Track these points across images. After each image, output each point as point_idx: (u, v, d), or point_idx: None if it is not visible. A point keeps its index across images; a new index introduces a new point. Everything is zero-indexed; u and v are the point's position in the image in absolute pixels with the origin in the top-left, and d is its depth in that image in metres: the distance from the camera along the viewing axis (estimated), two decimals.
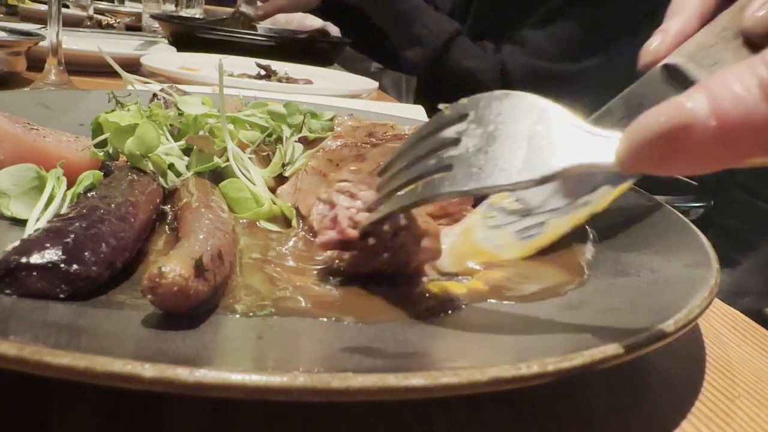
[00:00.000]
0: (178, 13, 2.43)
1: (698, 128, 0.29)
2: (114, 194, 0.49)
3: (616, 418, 0.40)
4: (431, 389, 0.30)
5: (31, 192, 0.52)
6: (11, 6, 2.31)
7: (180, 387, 0.28)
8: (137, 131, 0.58)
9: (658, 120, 0.29)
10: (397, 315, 0.43)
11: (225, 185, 0.60)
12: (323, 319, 0.41)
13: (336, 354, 0.37)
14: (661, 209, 0.64)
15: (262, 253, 0.52)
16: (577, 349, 0.34)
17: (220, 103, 0.63)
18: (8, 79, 1.15)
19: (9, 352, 0.28)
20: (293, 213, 0.59)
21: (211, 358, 0.36)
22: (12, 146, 0.57)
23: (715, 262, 0.49)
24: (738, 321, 0.57)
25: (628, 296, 0.47)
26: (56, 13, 1.02)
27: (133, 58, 1.37)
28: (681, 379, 0.46)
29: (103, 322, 0.37)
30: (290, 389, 0.29)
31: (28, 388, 0.36)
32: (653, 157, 0.30)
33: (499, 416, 0.39)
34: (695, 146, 0.29)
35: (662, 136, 0.29)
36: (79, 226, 0.42)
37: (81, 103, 0.83)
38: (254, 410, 0.37)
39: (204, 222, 0.46)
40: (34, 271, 0.38)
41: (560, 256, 0.56)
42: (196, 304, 0.38)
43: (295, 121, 0.69)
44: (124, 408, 0.36)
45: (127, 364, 0.28)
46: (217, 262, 0.41)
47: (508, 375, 0.31)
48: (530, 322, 0.43)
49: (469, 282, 0.49)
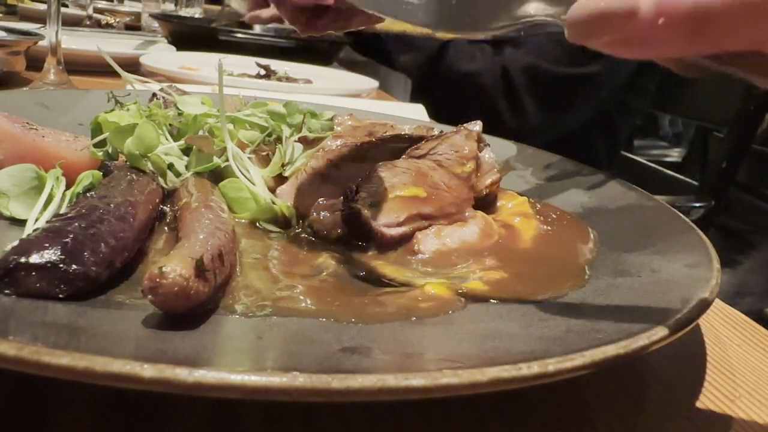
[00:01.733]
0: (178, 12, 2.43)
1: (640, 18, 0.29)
2: (113, 194, 0.48)
3: (616, 418, 0.40)
4: (431, 389, 0.30)
5: (31, 192, 0.52)
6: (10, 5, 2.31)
7: (179, 387, 0.28)
8: (136, 131, 0.58)
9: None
10: (397, 315, 0.43)
11: (224, 185, 0.59)
12: (323, 320, 0.41)
13: (336, 354, 0.37)
14: (661, 209, 0.64)
15: (262, 253, 0.52)
16: (577, 349, 0.34)
17: (220, 102, 0.62)
18: (7, 79, 1.15)
19: (8, 352, 0.28)
20: (293, 213, 0.59)
21: (211, 358, 0.36)
22: (11, 146, 0.57)
23: (716, 262, 0.49)
24: (739, 321, 0.57)
25: (628, 296, 0.47)
26: (55, 13, 1.02)
27: (132, 58, 1.37)
28: (681, 379, 0.46)
29: (102, 322, 0.37)
30: (290, 389, 0.29)
31: (27, 388, 0.36)
32: (587, 35, 0.32)
33: (499, 416, 0.39)
34: (631, 32, 0.30)
35: (599, 17, 0.30)
36: (79, 226, 0.41)
37: (80, 102, 0.82)
38: (254, 410, 0.37)
39: (204, 222, 0.46)
40: (33, 271, 0.38)
41: (560, 256, 0.56)
42: (196, 304, 0.37)
43: (295, 120, 0.69)
44: (123, 408, 0.36)
45: (126, 364, 0.28)
46: (218, 262, 0.41)
47: (508, 375, 0.31)
48: (530, 322, 0.43)
49: (469, 282, 0.49)
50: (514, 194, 0.70)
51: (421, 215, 0.58)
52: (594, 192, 0.72)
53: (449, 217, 0.59)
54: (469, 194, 0.62)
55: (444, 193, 0.60)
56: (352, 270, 0.51)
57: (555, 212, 0.67)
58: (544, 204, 0.70)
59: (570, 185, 0.75)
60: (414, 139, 0.65)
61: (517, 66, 1.62)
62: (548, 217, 0.65)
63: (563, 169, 0.80)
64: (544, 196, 0.73)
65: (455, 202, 0.60)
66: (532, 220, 0.63)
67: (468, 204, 0.61)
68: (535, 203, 0.69)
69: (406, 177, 0.58)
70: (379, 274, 0.51)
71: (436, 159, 0.61)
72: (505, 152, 0.83)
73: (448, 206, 0.60)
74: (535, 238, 0.60)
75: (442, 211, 0.59)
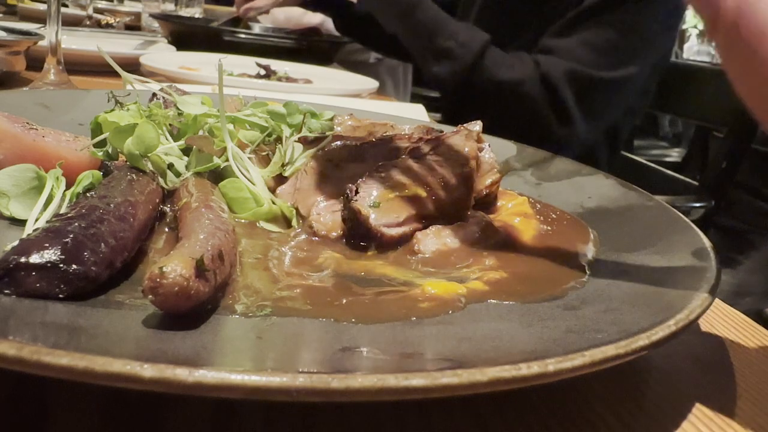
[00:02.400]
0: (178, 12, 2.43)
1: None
2: (113, 194, 0.48)
3: (616, 418, 0.40)
4: (431, 389, 0.30)
5: (31, 192, 0.52)
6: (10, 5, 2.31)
7: (179, 387, 0.28)
8: (136, 131, 0.58)
9: None
10: (397, 315, 0.43)
11: (224, 185, 0.59)
12: (323, 320, 0.41)
13: (336, 354, 0.37)
14: (662, 209, 0.64)
15: (262, 254, 0.52)
16: (577, 349, 0.34)
17: (220, 102, 0.62)
18: (7, 79, 1.15)
19: (8, 352, 0.28)
20: (293, 213, 0.59)
21: (211, 358, 0.36)
22: (11, 146, 0.57)
23: (715, 262, 0.49)
24: (739, 321, 0.57)
25: (628, 296, 0.47)
26: (55, 13, 1.02)
27: (132, 58, 1.37)
28: (681, 379, 0.46)
29: (102, 322, 0.37)
30: (290, 389, 0.29)
31: (27, 388, 0.36)
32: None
33: (499, 416, 0.39)
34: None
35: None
36: (78, 226, 0.41)
37: (80, 102, 0.82)
38: (254, 410, 0.37)
39: (204, 222, 0.46)
40: (33, 271, 0.38)
41: (560, 256, 0.56)
42: (196, 304, 0.37)
43: (295, 120, 0.69)
44: (123, 408, 0.36)
45: (126, 364, 0.28)
46: (218, 262, 0.41)
47: (508, 375, 0.31)
48: (530, 322, 0.43)
49: (469, 282, 0.49)
50: (514, 194, 0.70)
51: (421, 215, 0.58)
52: (594, 192, 0.72)
53: (449, 217, 0.59)
54: (469, 194, 0.62)
55: (444, 193, 0.60)
56: (352, 270, 0.51)
57: (555, 212, 0.67)
58: (544, 204, 0.70)
59: (570, 185, 0.75)
60: (414, 139, 0.65)
61: (558, 72, 1.52)
62: (548, 217, 0.65)
63: (563, 169, 0.80)
64: (544, 196, 0.73)
65: (455, 202, 0.60)
66: (532, 220, 0.63)
67: (468, 204, 0.61)
68: (535, 203, 0.69)
69: (406, 177, 0.58)
70: (379, 274, 0.51)
71: (436, 159, 0.61)
72: (505, 152, 0.83)
73: (448, 206, 0.60)
74: (535, 238, 0.60)
75: (442, 211, 0.59)
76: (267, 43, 1.84)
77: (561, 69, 1.51)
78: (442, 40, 1.55)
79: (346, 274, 0.50)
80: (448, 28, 1.56)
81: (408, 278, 0.50)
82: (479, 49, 1.54)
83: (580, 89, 1.52)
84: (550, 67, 1.52)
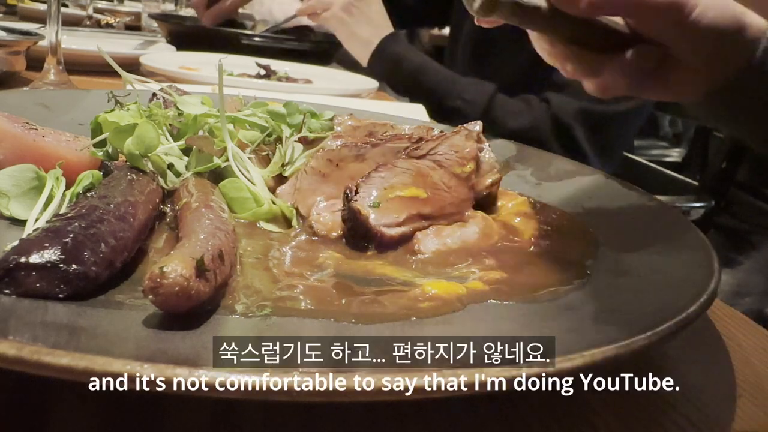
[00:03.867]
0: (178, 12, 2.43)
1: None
2: (113, 194, 0.48)
3: (616, 418, 0.40)
4: (431, 389, 0.30)
5: (31, 192, 0.52)
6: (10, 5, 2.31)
7: (179, 387, 0.28)
8: (136, 131, 0.58)
9: None
10: (397, 315, 0.43)
11: (225, 185, 0.59)
12: (323, 320, 0.41)
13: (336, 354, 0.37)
14: (662, 209, 0.64)
15: (262, 254, 0.52)
16: (577, 349, 0.34)
17: (220, 102, 0.62)
18: (7, 79, 1.15)
19: (8, 352, 0.28)
20: (293, 213, 0.59)
21: (211, 358, 0.36)
22: (11, 146, 0.57)
23: (716, 262, 0.49)
24: (739, 321, 0.57)
25: (628, 296, 0.47)
26: (55, 13, 1.02)
27: (132, 58, 1.37)
28: (681, 380, 0.46)
29: (102, 322, 0.37)
30: (290, 389, 0.29)
31: (27, 388, 0.36)
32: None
33: (500, 416, 0.39)
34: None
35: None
36: (78, 226, 0.41)
37: (80, 102, 0.82)
38: (254, 410, 0.37)
39: (204, 222, 0.46)
40: (33, 271, 0.38)
41: (560, 256, 0.56)
42: (197, 304, 0.37)
43: (295, 121, 0.69)
44: (123, 408, 0.36)
45: (126, 364, 0.28)
46: (218, 262, 0.41)
47: (509, 375, 0.31)
48: (530, 322, 0.43)
49: (469, 282, 0.49)
50: (514, 194, 0.70)
51: (421, 215, 0.58)
52: (594, 192, 0.72)
53: (449, 217, 0.59)
54: (469, 194, 0.62)
55: (444, 193, 0.60)
56: (352, 270, 0.51)
57: (555, 212, 0.67)
58: (544, 204, 0.70)
59: (570, 185, 0.75)
60: (414, 139, 0.65)
61: (570, 112, 1.50)
62: (548, 217, 0.65)
63: (563, 169, 0.80)
64: (544, 196, 0.73)
65: (455, 202, 0.60)
66: (532, 220, 0.63)
67: (468, 204, 0.61)
68: (535, 203, 0.69)
69: (406, 177, 0.58)
70: (379, 274, 0.51)
71: (436, 159, 0.61)
72: (505, 152, 0.83)
73: (448, 206, 0.60)
74: (535, 238, 0.60)
75: (442, 211, 0.59)
76: (267, 44, 1.84)
77: (573, 109, 1.50)
78: (450, 101, 1.57)
79: (346, 274, 0.50)
80: (455, 88, 1.58)
81: (408, 278, 0.50)
82: (486, 103, 1.54)
83: (594, 127, 1.51)
84: (561, 108, 1.51)
